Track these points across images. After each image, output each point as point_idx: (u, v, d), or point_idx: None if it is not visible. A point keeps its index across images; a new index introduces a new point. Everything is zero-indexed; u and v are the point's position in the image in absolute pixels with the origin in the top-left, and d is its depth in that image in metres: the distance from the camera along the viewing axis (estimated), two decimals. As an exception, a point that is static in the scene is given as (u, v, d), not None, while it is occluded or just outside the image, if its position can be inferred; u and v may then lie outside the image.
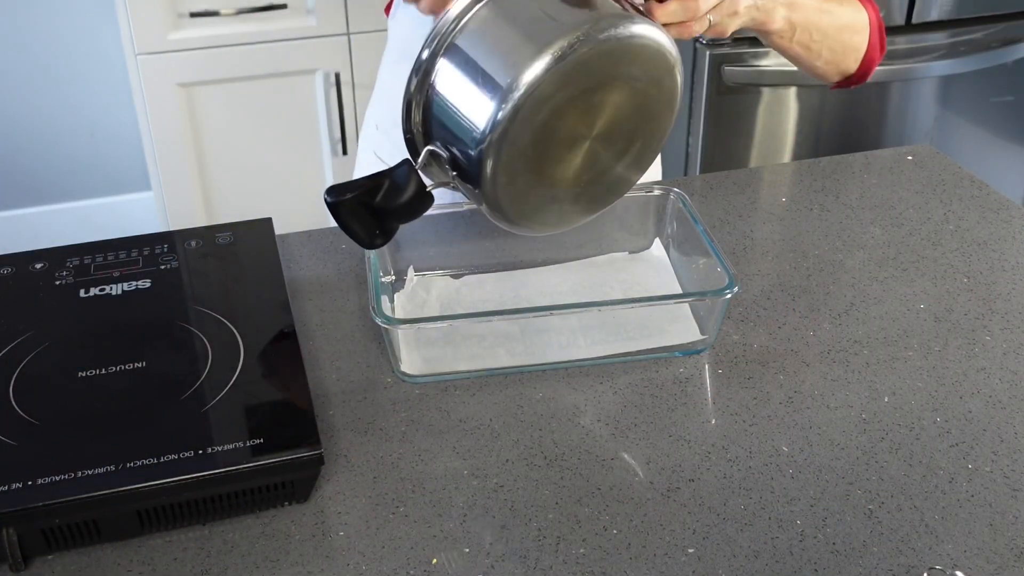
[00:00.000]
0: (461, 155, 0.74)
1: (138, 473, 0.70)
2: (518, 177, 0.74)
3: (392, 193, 0.78)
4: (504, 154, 0.72)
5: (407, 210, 0.78)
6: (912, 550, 0.70)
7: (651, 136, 0.80)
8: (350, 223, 0.78)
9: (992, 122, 2.32)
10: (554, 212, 0.80)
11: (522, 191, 0.76)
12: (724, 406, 0.84)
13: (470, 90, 0.73)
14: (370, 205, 0.78)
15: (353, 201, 0.77)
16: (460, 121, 0.74)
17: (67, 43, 2.49)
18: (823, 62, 1.04)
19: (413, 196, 0.78)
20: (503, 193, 0.75)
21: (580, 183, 0.79)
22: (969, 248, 1.06)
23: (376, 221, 0.79)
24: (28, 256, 0.95)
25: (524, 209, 0.78)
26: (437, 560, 0.70)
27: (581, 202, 0.81)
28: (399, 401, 0.84)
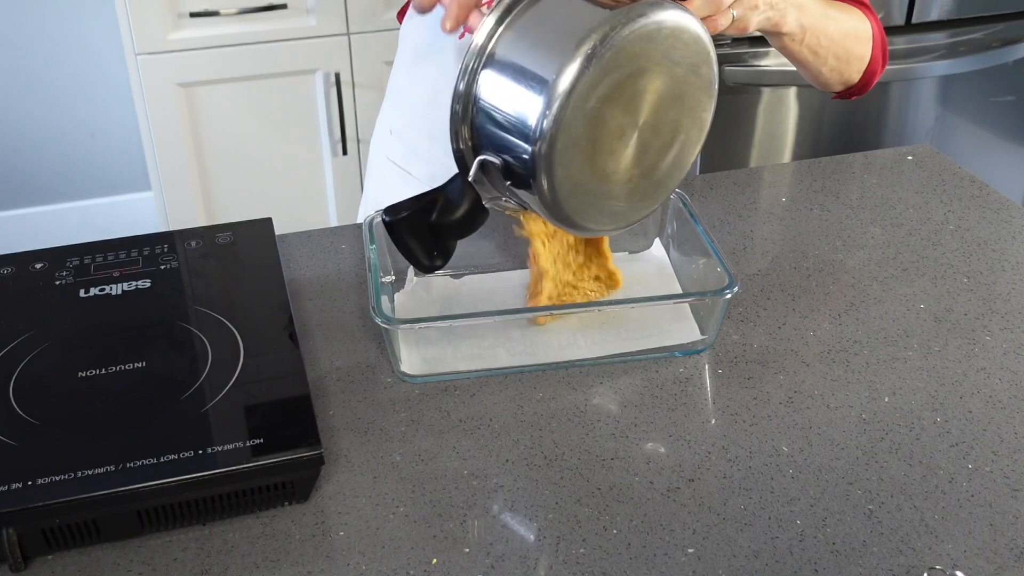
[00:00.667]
0: (514, 159, 0.75)
1: (138, 473, 0.70)
2: (573, 171, 0.75)
3: (447, 209, 0.78)
4: (558, 146, 0.72)
5: (463, 225, 0.79)
6: (912, 550, 0.70)
7: (693, 126, 0.81)
8: (409, 242, 0.78)
9: (992, 122, 2.32)
10: (609, 209, 0.80)
11: (578, 187, 0.76)
12: (724, 406, 0.84)
13: (515, 91, 0.73)
14: (427, 222, 0.78)
15: (410, 219, 0.78)
16: (510, 123, 0.74)
17: (67, 43, 2.50)
18: (828, 69, 1.04)
19: (469, 210, 0.78)
20: (560, 190, 0.75)
21: (632, 178, 0.79)
22: (969, 248, 1.06)
23: (433, 240, 0.79)
24: (28, 256, 0.95)
25: (581, 206, 0.78)
26: (437, 560, 0.70)
27: (634, 198, 0.82)
28: (399, 401, 0.84)
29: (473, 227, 0.80)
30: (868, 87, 1.11)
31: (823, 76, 1.06)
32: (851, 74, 1.08)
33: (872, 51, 1.08)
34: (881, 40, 1.10)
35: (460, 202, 0.78)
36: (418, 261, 0.80)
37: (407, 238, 0.78)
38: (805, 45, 0.99)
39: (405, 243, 0.79)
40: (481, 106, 0.76)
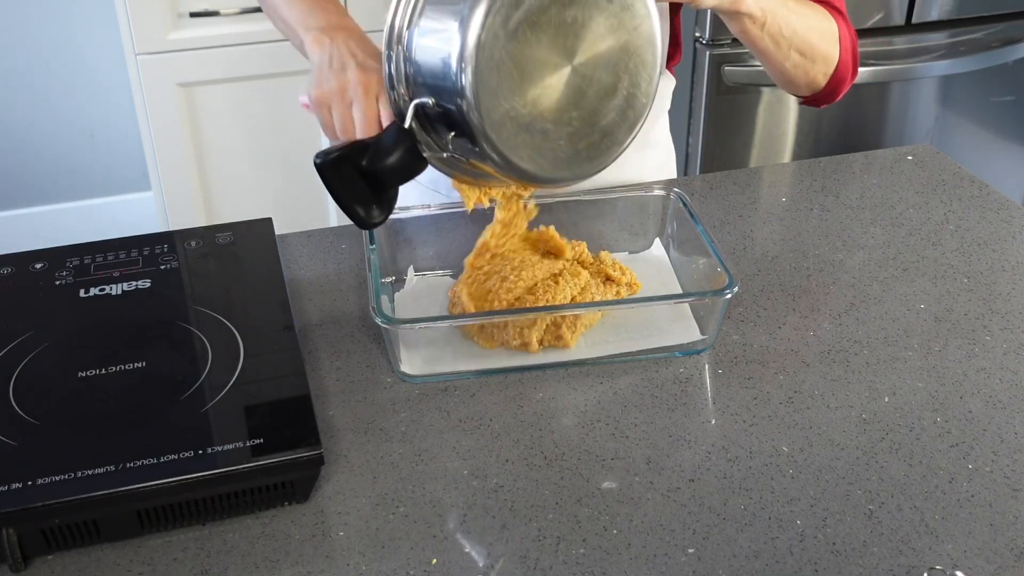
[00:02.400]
0: (445, 95, 0.74)
1: (138, 473, 0.70)
2: (501, 98, 0.74)
3: (379, 154, 0.77)
4: (481, 69, 0.72)
5: (399, 170, 0.78)
6: (912, 550, 0.70)
7: (637, 75, 0.80)
8: (342, 189, 0.77)
9: (992, 122, 2.32)
10: (549, 150, 0.79)
11: (509, 116, 0.75)
12: (724, 406, 0.84)
13: (436, 29, 0.74)
14: (359, 168, 0.77)
15: (339, 162, 0.76)
16: (436, 60, 0.74)
17: (67, 43, 2.49)
18: (792, 64, 1.03)
19: (403, 155, 0.77)
20: (490, 117, 0.74)
21: (571, 120, 0.79)
22: (969, 248, 1.06)
23: (370, 190, 0.78)
24: (28, 256, 0.95)
25: (516, 141, 0.77)
26: (437, 560, 0.70)
27: (578, 144, 0.80)
28: (399, 401, 0.84)
29: (410, 173, 0.78)
30: (836, 95, 1.09)
31: (787, 72, 1.04)
32: (816, 75, 1.06)
33: (840, 54, 1.07)
34: (852, 46, 1.08)
35: (393, 148, 0.77)
36: (355, 212, 0.78)
37: (340, 185, 0.77)
38: (766, 31, 0.98)
39: (338, 191, 0.77)
40: (411, 55, 0.76)
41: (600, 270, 0.96)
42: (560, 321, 0.88)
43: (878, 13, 2.06)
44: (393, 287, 0.98)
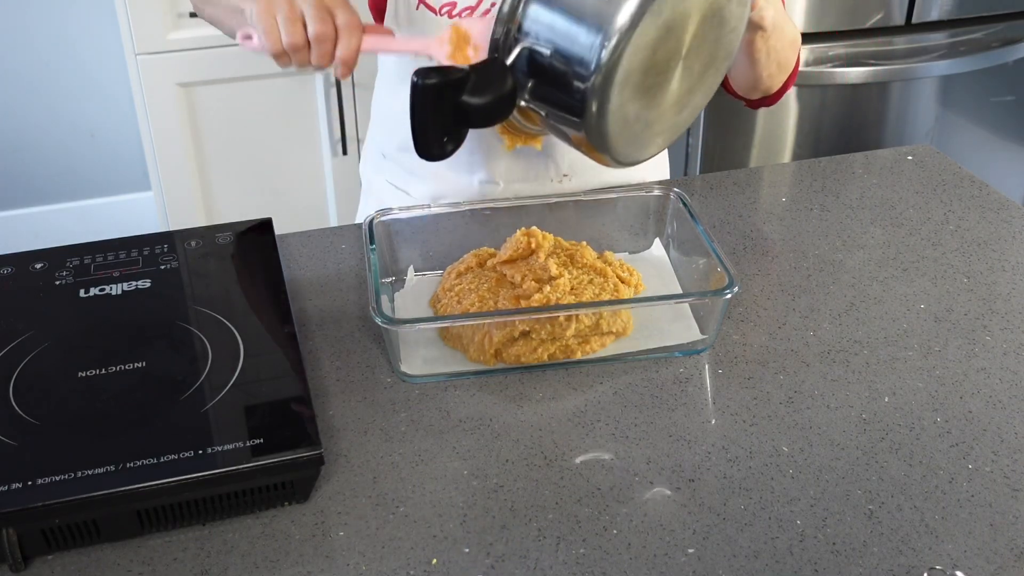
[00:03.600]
0: (570, 51, 0.72)
1: (138, 473, 0.70)
2: (627, 91, 0.73)
3: (477, 89, 0.74)
4: (625, 61, 0.71)
5: (488, 111, 0.75)
6: (912, 550, 0.70)
7: (727, 50, 0.81)
8: (428, 114, 0.74)
9: (992, 122, 2.32)
10: (641, 135, 0.80)
11: (626, 107, 0.75)
12: (724, 406, 0.84)
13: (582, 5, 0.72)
14: (454, 99, 0.73)
15: (437, 88, 0.73)
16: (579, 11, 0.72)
17: (67, 43, 2.49)
18: (767, 74, 1.04)
19: (498, 97, 0.74)
20: (612, 106, 0.73)
21: (669, 105, 0.79)
22: (969, 248, 1.06)
23: (451, 121, 0.75)
24: (28, 256, 0.95)
25: (618, 130, 0.76)
26: (437, 560, 0.70)
27: (662, 127, 0.81)
28: (399, 401, 0.84)
29: (496, 117, 0.76)
30: (779, 98, 1.12)
31: (759, 81, 1.05)
32: (776, 82, 1.08)
33: (796, 63, 1.09)
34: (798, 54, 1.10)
35: (494, 83, 0.74)
36: (427, 141, 0.75)
37: (428, 109, 0.73)
38: (768, 42, 0.99)
39: (424, 114, 0.74)
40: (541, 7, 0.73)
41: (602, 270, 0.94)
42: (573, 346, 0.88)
43: (878, 13, 2.06)
44: (393, 287, 0.98)
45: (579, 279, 0.92)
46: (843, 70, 2.07)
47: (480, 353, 0.87)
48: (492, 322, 0.86)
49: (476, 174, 1.11)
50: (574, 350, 0.88)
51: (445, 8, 1.01)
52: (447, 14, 1.01)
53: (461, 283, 0.93)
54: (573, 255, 0.95)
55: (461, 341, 0.89)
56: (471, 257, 0.96)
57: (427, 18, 1.03)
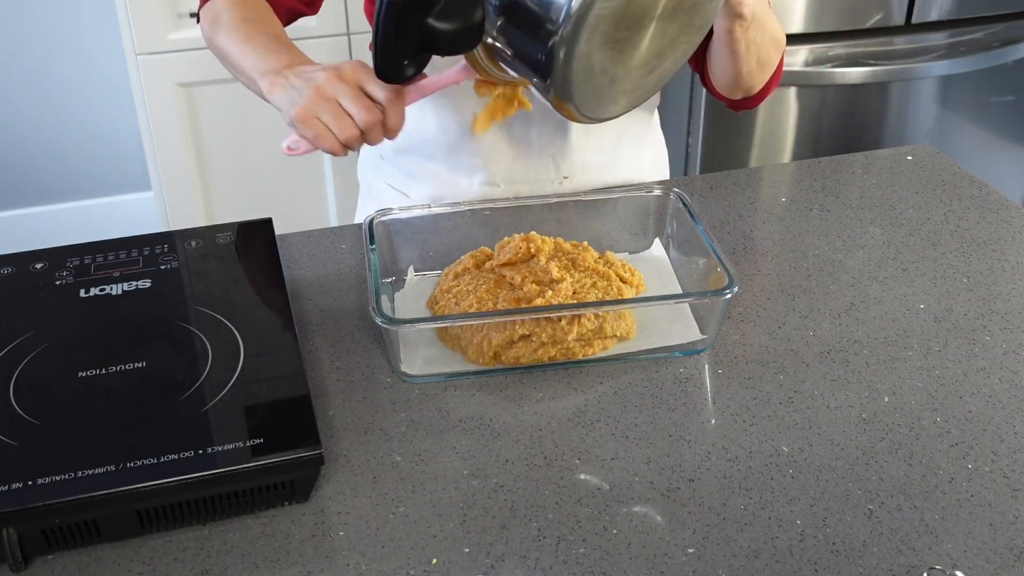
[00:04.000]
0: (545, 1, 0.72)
1: (138, 473, 0.70)
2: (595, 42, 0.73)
3: (447, 13, 0.74)
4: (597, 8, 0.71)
5: (458, 37, 0.75)
6: (912, 550, 0.70)
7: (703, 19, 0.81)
8: (391, 31, 0.73)
9: (992, 122, 2.32)
10: (606, 90, 0.79)
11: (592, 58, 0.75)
12: (724, 406, 0.84)
13: None
14: (420, 21, 0.73)
15: (406, 4, 0.73)
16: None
17: (67, 43, 2.50)
18: (747, 71, 1.03)
19: (470, 24, 0.75)
20: (579, 52, 0.73)
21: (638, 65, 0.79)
22: (969, 248, 1.06)
23: (416, 46, 0.75)
24: (28, 256, 0.95)
25: (583, 79, 0.76)
26: (437, 560, 0.70)
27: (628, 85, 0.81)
28: (399, 401, 0.84)
29: (461, 45, 0.76)
30: (761, 100, 1.10)
31: (741, 79, 1.04)
32: (757, 82, 1.07)
33: (779, 64, 1.08)
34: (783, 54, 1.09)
35: (462, 11, 0.74)
36: (388, 60, 0.75)
37: (392, 27, 0.73)
38: (748, 35, 0.98)
39: (387, 31, 0.73)
40: None
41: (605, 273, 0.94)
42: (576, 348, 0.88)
43: (878, 13, 2.06)
44: (393, 287, 0.98)
45: (581, 282, 0.91)
46: (843, 70, 2.07)
47: (479, 355, 0.87)
48: (490, 326, 0.86)
49: (476, 176, 1.11)
50: (576, 353, 0.88)
51: None
52: None
53: (459, 284, 0.93)
54: (575, 259, 0.94)
55: (460, 343, 0.89)
56: (468, 259, 0.96)
57: None
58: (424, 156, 1.13)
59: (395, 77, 0.77)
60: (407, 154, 1.15)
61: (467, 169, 1.11)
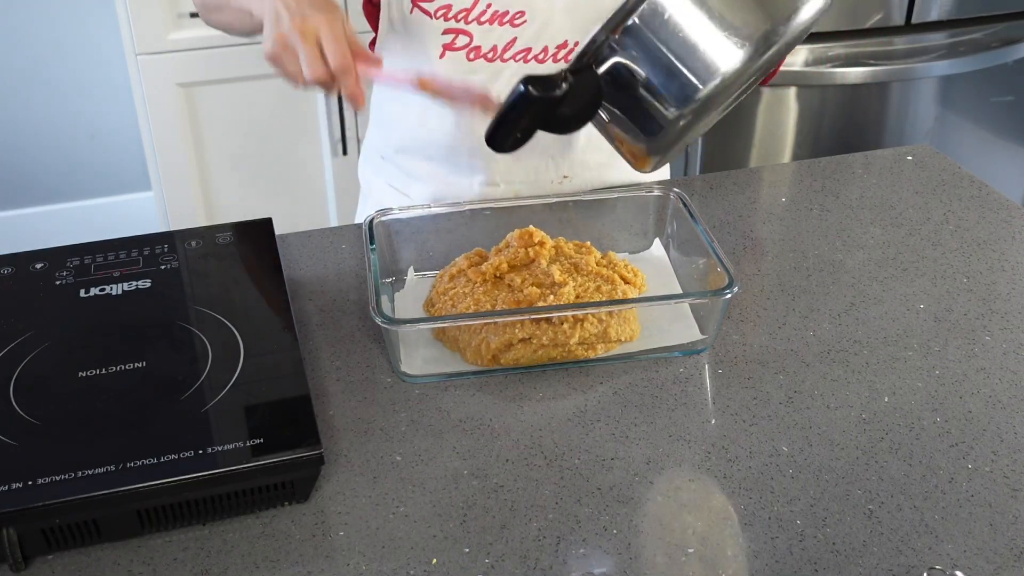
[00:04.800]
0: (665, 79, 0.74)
1: (138, 473, 0.70)
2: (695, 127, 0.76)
3: (569, 100, 0.75)
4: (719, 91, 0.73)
5: (574, 122, 0.77)
6: (912, 550, 0.70)
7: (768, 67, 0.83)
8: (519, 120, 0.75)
9: (992, 122, 2.32)
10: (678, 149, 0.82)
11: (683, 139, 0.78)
12: (724, 406, 0.84)
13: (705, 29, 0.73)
14: (547, 110, 0.75)
15: (541, 101, 0.74)
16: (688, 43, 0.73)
17: (67, 43, 2.50)
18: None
19: (589, 108, 0.76)
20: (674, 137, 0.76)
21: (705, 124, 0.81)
22: (969, 248, 1.06)
23: (533, 126, 0.77)
24: (28, 256, 0.95)
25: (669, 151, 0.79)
26: (437, 560, 0.70)
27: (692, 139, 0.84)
28: (399, 401, 0.84)
29: (576, 127, 0.78)
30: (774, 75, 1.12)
31: None
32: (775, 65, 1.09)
33: None
34: None
35: (583, 99, 0.75)
36: (504, 139, 0.77)
37: (521, 117, 0.75)
38: None
39: (515, 120, 0.75)
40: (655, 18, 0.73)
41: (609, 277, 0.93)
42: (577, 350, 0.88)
43: (878, 13, 2.06)
44: (393, 287, 0.98)
45: (584, 286, 0.90)
46: (843, 70, 2.07)
47: (477, 358, 0.87)
48: (489, 328, 0.86)
49: (476, 176, 1.11)
50: (578, 355, 0.87)
51: (440, 12, 1.01)
52: (443, 17, 1.01)
53: (455, 287, 0.92)
54: (577, 264, 0.93)
55: (458, 344, 0.89)
56: (463, 260, 0.95)
57: (423, 22, 1.02)
58: (425, 156, 1.13)
59: (506, 150, 0.79)
60: (407, 153, 1.15)
61: (467, 169, 1.11)
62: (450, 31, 1.02)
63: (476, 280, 0.91)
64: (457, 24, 1.02)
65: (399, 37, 1.08)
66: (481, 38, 1.02)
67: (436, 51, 1.04)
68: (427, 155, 1.13)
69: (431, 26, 1.02)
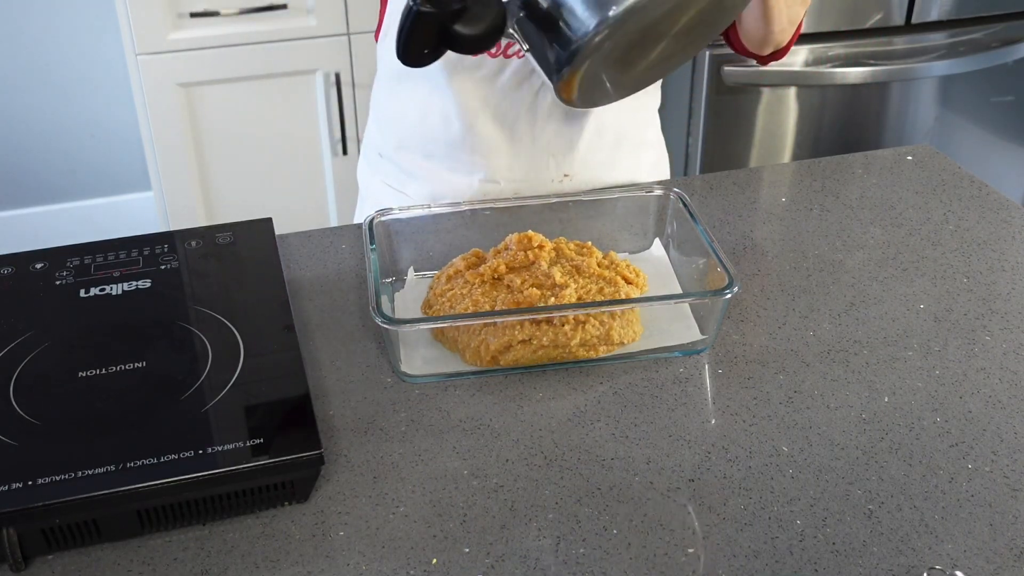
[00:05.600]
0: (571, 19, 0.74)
1: (138, 473, 0.70)
2: (609, 60, 0.75)
3: (471, 21, 0.76)
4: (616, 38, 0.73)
5: (477, 42, 0.77)
6: (912, 550, 0.70)
7: (716, 27, 0.84)
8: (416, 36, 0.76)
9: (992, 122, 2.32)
10: (607, 89, 0.82)
11: (599, 68, 0.77)
12: (724, 406, 0.84)
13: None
14: (446, 26, 0.76)
15: (435, 17, 0.75)
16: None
17: (67, 43, 2.50)
18: (779, 30, 1.06)
19: (488, 29, 0.77)
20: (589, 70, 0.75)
21: (647, 70, 0.81)
22: (969, 248, 1.06)
23: (437, 42, 0.77)
24: (28, 256, 0.95)
25: (588, 84, 0.78)
26: (437, 560, 0.70)
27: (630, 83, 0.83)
28: (399, 401, 0.84)
29: (481, 48, 0.78)
30: (788, 51, 1.12)
31: (772, 36, 1.06)
32: (786, 38, 1.09)
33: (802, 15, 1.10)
34: None
35: (485, 20, 0.76)
36: (409, 54, 0.77)
37: (417, 33, 0.76)
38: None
39: (411, 36, 0.76)
40: None
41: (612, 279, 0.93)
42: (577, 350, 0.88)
43: (878, 13, 2.06)
44: (393, 287, 0.98)
45: (586, 288, 0.90)
46: (843, 70, 2.07)
47: (476, 359, 0.87)
48: (488, 330, 0.86)
49: (476, 174, 1.11)
50: (578, 356, 0.87)
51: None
52: None
53: (452, 288, 0.92)
54: (579, 266, 0.93)
55: (457, 346, 0.88)
56: (460, 261, 0.95)
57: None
58: (424, 153, 1.13)
59: (413, 64, 0.79)
60: (407, 151, 1.15)
61: (467, 167, 1.11)
62: None
63: (474, 282, 0.91)
64: None
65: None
66: None
67: None
68: (427, 152, 1.13)
69: None
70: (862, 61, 2.08)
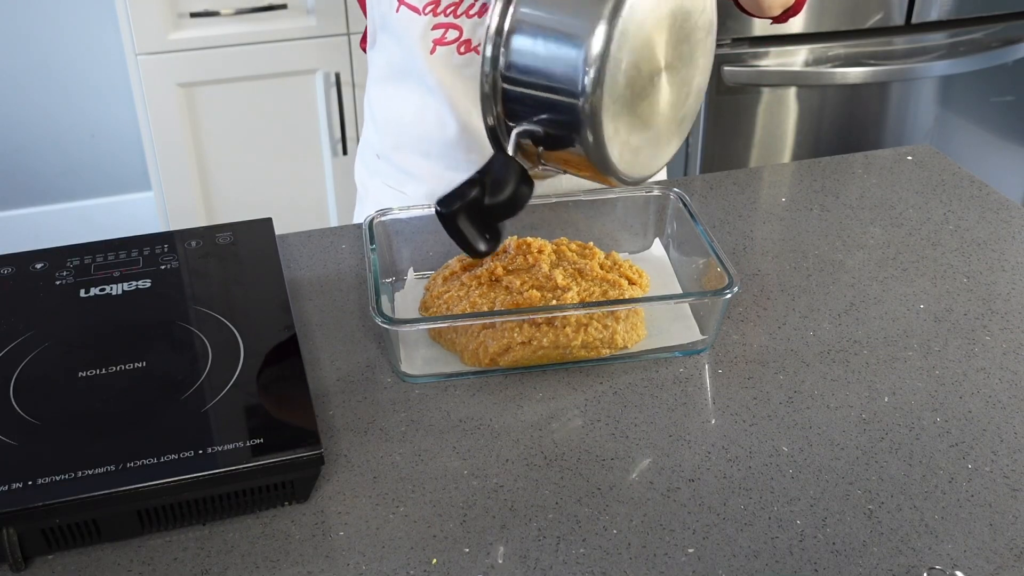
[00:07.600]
0: (555, 122, 0.75)
1: (138, 473, 0.70)
2: (620, 122, 0.75)
3: (495, 189, 0.77)
4: (604, 101, 0.73)
5: (512, 203, 0.78)
6: (912, 550, 0.70)
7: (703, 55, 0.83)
8: (464, 231, 0.77)
9: (992, 122, 2.32)
10: (648, 151, 0.81)
11: (624, 136, 0.77)
12: (724, 406, 0.84)
13: (547, 57, 0.74)
14: (480, 207, 0.77)
15: (466, 208, 0.76)
16: (548, 88, 0.75)
17: (67, 43, 2.50)
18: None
19: (515, 186, 0.77)
20: (611, 141, 0.76)
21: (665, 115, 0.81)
22: (969, 248, 1.06)
23: (484, 224, 0.78)
24: (28, 256, 0.95)
25: (626, 154, 0.79)
26: (437, 560, 0.70)
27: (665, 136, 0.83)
28: (399, 401, 0.84)
29: (519, 204, 0.79)
30: (799, 10, 1.11)
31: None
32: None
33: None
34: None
35: (507, 179, 0.77)
36: (473, 249, 0.78)
37: (463, 228, 0.77)
38: None
39: (460, 233, 0.77)
40: (512, 77, 0.76)
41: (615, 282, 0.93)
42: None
43: (878, 13, 2.06)
44: (393, 287, 0.98)
45: (589, 291, 0.90)
46: (843, 70, 2.07)
47: (475, 361, 0.87)
48: (487, 332, 0.86)
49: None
50: (579, 356, 0.87)
51: (428, 7, 1.01)
52: (431, 12, 1.01)
53: (449, 290, 0.92)
54: (581, 269, 0.92)
55: (455, 347, 0.88)
56: (455, 262, 0.95)
57: (411, 18, 1.03)
58: (422, 153, 1.13)
59: (488, 252, 0.80)
60: (404, 151, 1.15)
61: (465, 165, 1.11)
62: (440, 26, 1.03)
63: (471, 284, 0.91)
64: (447, 18, 1.02)
65: (390, 34, 1.09)
66: (471, 31, 1.03)
67: (427, 46, 1.04)
68: (424, 152, 1.13)
69: (420, 21, 1.03)
70: (862, 61, 2.09)
